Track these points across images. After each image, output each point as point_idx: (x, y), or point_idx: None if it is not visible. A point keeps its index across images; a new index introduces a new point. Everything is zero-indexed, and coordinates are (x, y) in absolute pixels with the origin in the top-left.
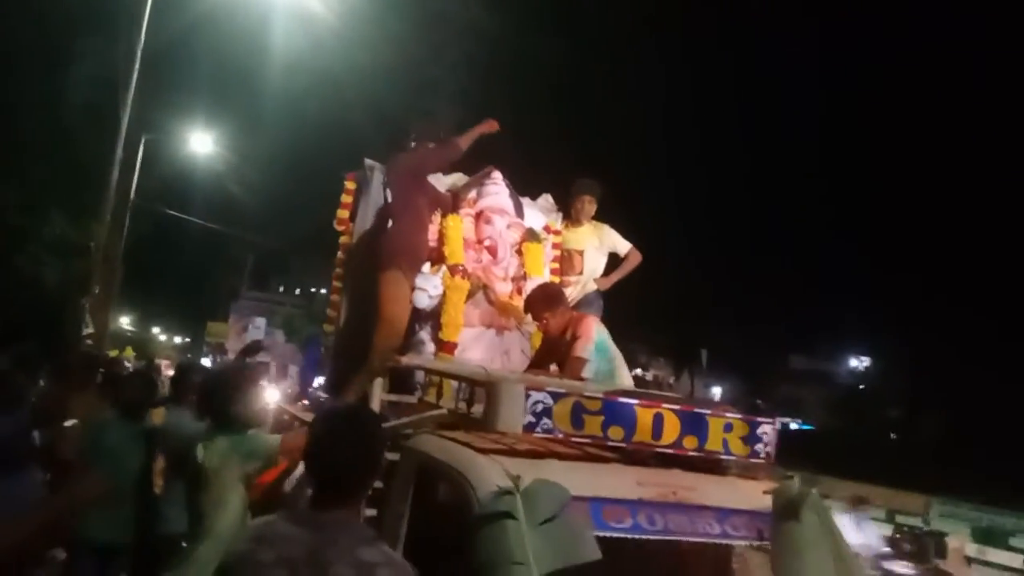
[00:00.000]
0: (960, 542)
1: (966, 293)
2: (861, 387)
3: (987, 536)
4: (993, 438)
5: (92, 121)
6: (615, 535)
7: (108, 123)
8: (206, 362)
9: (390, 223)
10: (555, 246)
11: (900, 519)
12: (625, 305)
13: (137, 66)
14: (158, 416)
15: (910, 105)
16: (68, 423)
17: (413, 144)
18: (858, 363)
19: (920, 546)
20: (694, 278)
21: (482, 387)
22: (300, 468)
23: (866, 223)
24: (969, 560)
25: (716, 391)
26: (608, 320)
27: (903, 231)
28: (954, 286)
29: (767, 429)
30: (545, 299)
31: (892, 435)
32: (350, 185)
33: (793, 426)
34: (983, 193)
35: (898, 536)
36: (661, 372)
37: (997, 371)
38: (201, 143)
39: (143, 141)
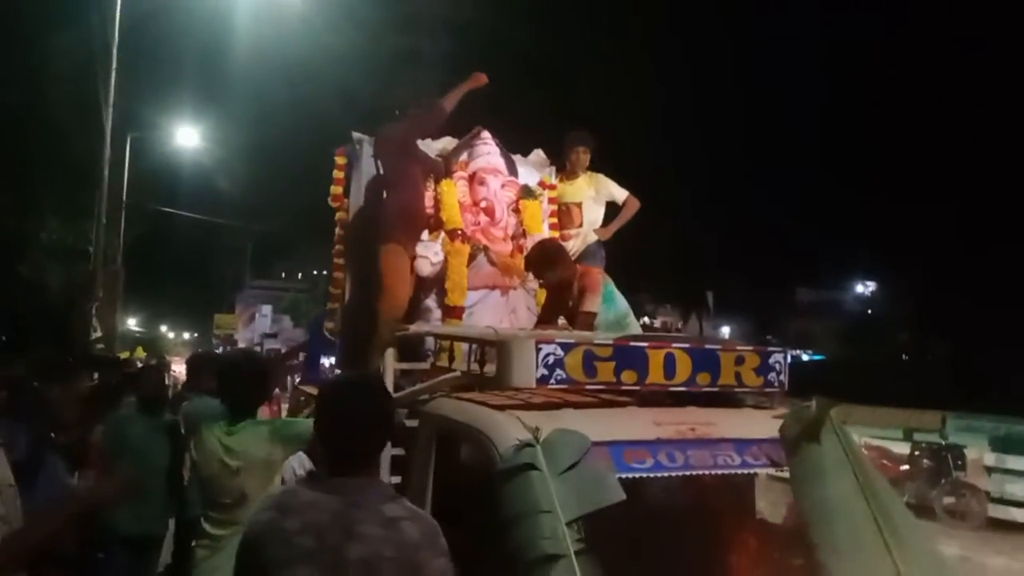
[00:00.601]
0: (979, 453)
1: (966, 207)
2: (869, 312)
3: (1006, 445)
4: (1005, 353)
5: (78, 120)
6: (637, 475)
7: (94, 122)
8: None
9: (384, 194)
10: (551, 200)
11: (918, 437)
12: (626, 253)
13: (115, 62)
14: None
15: (915, 25)
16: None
17: (399, 113)
18: (864, 289)
19: (939, 461)
20: (692, 221)
21: (493, 347)
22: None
23: (859, 148)
24: (989, 470)
25: (725, 332)
26: (611, 269)
27: (897, 152)
28: (952, 201)
29: (778, 359)
30: (544, 257)
31: (904, 357)
32: (340, 160)
33: (804, 358)
34: (990, 114)
35: (916, 453)
36: (668, 318)
37: (1006, 285)
38: (187, 137)
39: (129, 139)
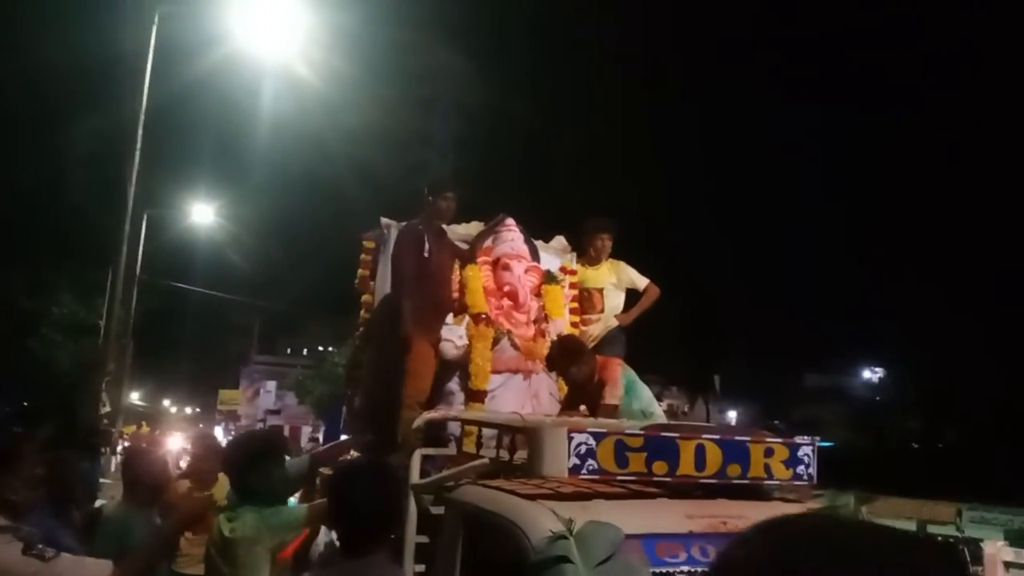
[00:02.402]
0: (995, 547)
1: (972, 293)
2: (877, 399)
3: (1022, 539)
4: (1016, 440)
5: (93, 198)
6: (671, 570)
7: (108, 199)
8: (219, 431)
9: (410, 279)
10: (572, 286)
11: (932, 528)
12: (634, 335)
13: (140, 141)
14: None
15: (919, 106)
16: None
17: (431, 199)
18: (872, 375)
19: None
20: (700, 303)
21: (523, 434)
22: (322, 536)
23: (867, 233)
24: (1008, 565)
25: (731, 416)
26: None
27: (903, 237)
28: (957, 288)
29: (807, 451)
30: (565, 353)
31: (914, 445)
32: (368, 245)
33: None
34: (993, 194)
35: None
36: (675, 401)
37: (1013, 371)
38: (201, 214)
39: (145, 216)
